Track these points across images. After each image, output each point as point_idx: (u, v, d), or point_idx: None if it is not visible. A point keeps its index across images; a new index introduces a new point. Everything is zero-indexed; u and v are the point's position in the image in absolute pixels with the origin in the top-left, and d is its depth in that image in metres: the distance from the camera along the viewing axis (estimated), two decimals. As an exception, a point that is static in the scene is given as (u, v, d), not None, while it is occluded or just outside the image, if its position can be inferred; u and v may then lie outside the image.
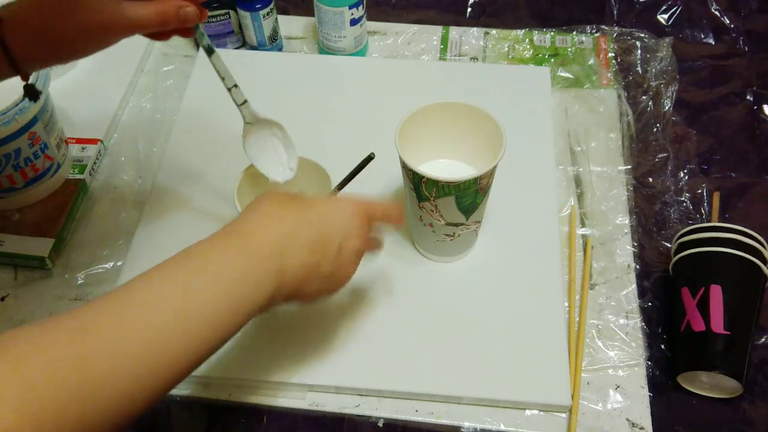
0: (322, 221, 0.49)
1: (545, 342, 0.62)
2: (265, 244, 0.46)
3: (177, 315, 0.40)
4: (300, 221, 0.48)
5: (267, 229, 0.47)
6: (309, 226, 0.48)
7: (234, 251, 0.45)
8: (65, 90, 0.75)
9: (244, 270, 0.44)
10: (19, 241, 0.70)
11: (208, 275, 0.43)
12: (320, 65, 0.85)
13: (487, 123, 0.61)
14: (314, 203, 0.50)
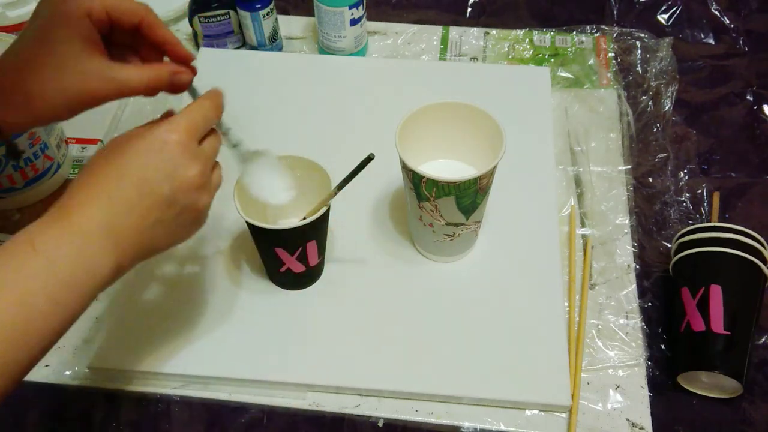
0: (141, 173, 0.45)
1: (545, 342, 0.62)
2: (92, 220, 0.43)
3: (9, 314, 0.39)
4: (120, 182, 0.45)
5: (90, 202, 0.44)
6: (130, 184, 0.45)
7: (60, 233, 0.43)
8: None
9: (73, 253, 0.42)
10: (19, 241, 0.70)
11: (38, 265, 0.41)
12: (320, 65, 0.85)
13: (487, 123, 0.61)
14: (126, 152, 0.45)
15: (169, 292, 0.66)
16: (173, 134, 0.46)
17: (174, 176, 0.46)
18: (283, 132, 0.78)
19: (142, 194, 0.45)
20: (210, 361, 0.62)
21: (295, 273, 0.63)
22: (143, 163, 0.45)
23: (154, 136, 0.46)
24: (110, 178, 0.45)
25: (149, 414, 0.61)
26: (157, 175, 0.45)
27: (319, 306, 0.65)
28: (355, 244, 0.69)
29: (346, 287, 0.66)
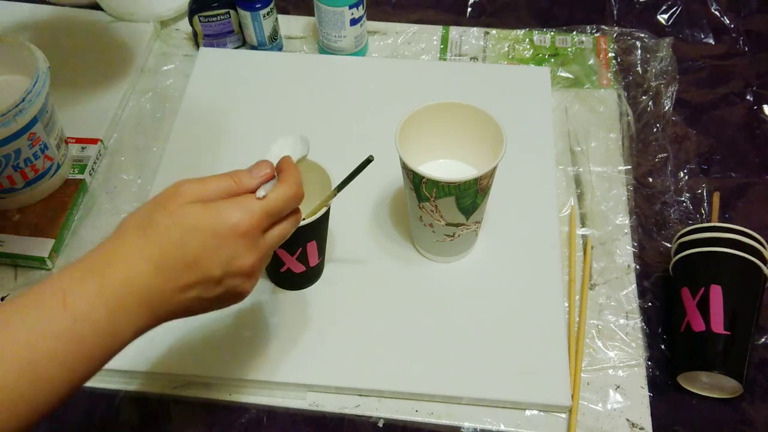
0: (197, 252, 0.43)
1: (545, 342, 0.62)
2: (131, 285, 0.41)
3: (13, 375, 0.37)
4: (173, 255, 0.42)
5: (134, 265, 0.41)
6: (182, 259, 0.42)
7: (95, 293, 0.40)
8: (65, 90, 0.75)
9: (103, 319, 0.40)
10: (19, 241, 0.70)
11: (64, 325, 0.38)
12: (320, 65, 0.85)
13: (487, 123, 0.61)
14: (190, 225, 0.43)
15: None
16: (244, 224, 0.44)
17: (229, 263, 0.44)
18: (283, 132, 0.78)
19: (190, 271, 0.43)
20: (210, 361, 0.62)
21: (295, 273, 0.63)
22: (203, 243, 0.43)
23: (225, 219, 0.43)
24: (164, 246, 0.42)
25: (149, 414, 0.61)
26: (212, 258, 0.43)
27: (319, 306, 0.65)
28: (355, 244, 0.69)
29: (346, 287, 0.66)
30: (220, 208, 0.44)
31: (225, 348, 0.62)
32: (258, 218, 0.45)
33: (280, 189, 0.47)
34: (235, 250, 0.44)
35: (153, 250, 0.42)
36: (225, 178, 0.46)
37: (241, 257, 0.44)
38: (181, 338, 0.63)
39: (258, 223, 0.45)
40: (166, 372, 0.61)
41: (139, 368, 0.61)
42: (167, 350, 0.62)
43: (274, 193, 0.46)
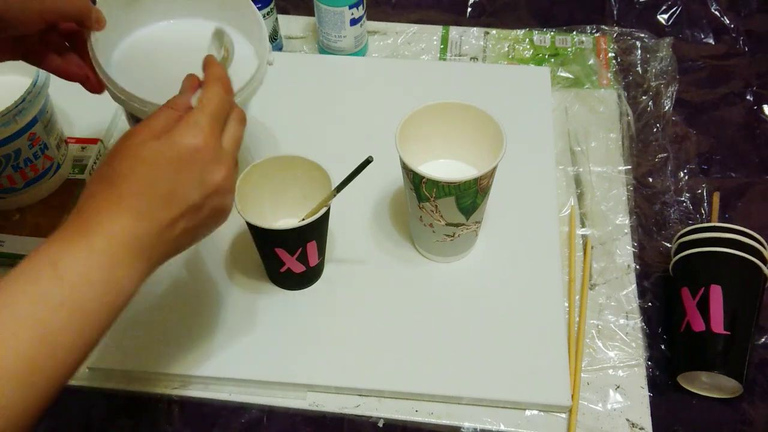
0: (170, 185, 0.43)
1: (545, 342, 0.62)
2: (118, 239, 0.41)
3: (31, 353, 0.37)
4: (147, 197, 0.43)
5: (114, 219, 0.41)
6: (159, 198, 0.43)
7: (85, 255, 0.40)
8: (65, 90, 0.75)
9: (101, 278, 0.40)
10: (19, 241, 0.70)
11: (62, 293, 0.39)
12: (320, 65, 0.85)
13: (487, 123, 0.61)
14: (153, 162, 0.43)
15: (169, 293, 0.66)
16: (200, 139, 0.44)
17: (203, 184, 0.44)
18: (283, 132, 0.78)
19: (170, 206, 0.43)
20: (210, 361, 0.62)
21: (295, 273, 0.63)
22: (171, 175, 0.43)
23: (180, 145, 0.44)
24: (136, 191, 0.42)
25: (149, 414, 0.61)
26: (186, 185, 0.44)
27: (319, 306, 0.65)
28: (355, 244, 0.69)
29: (346, 287, 0.66)
30: (172, 134, 0.44)
31: (225, 348, 0.62)
32: (208, 128, 0.45)
33: (207, 89, 0.47)
34: (202, 168, 0.44)
35: (126, 197, 0.42)
36: (163, 109, 0.46)
37: (212, 172, 0.45)
38: (181, 338, 0.63)
39: (210, 131, 0.45)
40: (166, 372, 0.61)
41: (139, 368, 0.61)
42: (167, 350, 0.62)
43: (206, 94, 0.46)
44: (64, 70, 0.56)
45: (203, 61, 0.50)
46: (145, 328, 0.63)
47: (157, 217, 0.43)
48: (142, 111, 0.56)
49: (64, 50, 0.57)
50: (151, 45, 0.63)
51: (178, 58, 0.61)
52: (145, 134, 0.44)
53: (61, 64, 0.56)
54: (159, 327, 0.64)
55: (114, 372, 0.62)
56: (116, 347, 0.62)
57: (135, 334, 0.63)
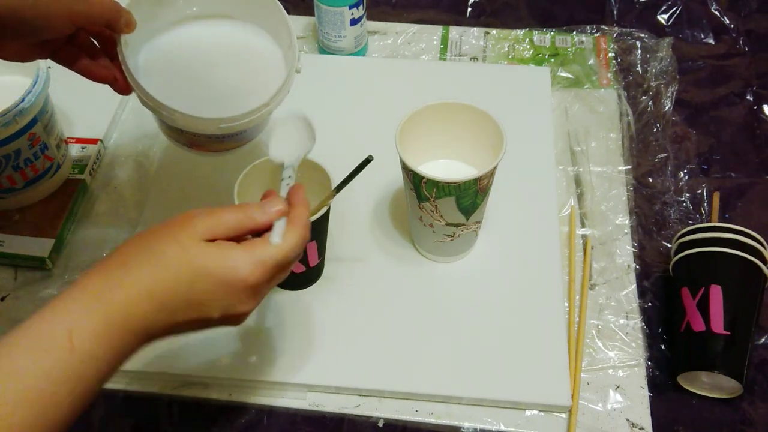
0: (201, 297, 0.43)
1: (545, 342, 0.62)
2: (136, 324, 0.41)
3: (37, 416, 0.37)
4: (177, 297, 0.43)
5: (139, 304, 0.41)
6: (186, 302, 0.43)
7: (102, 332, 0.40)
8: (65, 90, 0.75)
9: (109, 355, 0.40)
10: (19, 241, 0.70)
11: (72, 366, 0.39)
12: (320, 65, 0.85)
13: (487, 123, 0.61)
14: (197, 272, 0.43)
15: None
16: (255, 277, 0.44)
17: (229, 309, 0.44)
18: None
19: (191, 310, 0.43)
20: (210, 361, 0.62)
21: (295, 273, 0.63)
22: (210, 289, 0.43)
23: (236, 269, 0.43)
24: (170, 286, 0.42)
25: (150, 414, 0.61)
26: (215, 303, 0.44)
27: (319, 306, 0.65)
28: (355, 244, 0.69)
29: (346, 287, 0.66)
30: (234, 256, 0.43)
31: (225, 348, 0.62)
32: (269, 270, 0.45)
33: (292, 237, 0.46)
34: (239, 298, 0.44)
35: (159, 288, 0.42)
36: (237, 212, 0.46)
37: (243, 305, 0.45)
38: (181, 338, 0.63)
39: (268, 275, 0.45)
40: (166, 372, 0.61)
41: (139, 368, 0.61)
42: (167, 350, 0.62)
43: (287, 243, 0.46)
44: (91, 71, 0.56)
45: (293, 192, 0.49)
46: (145, 328, 0.63)
47: (174, 313, 0.43)
48: (170, 119, 0.56)
49: (93, 51, 0.56)
50: (179, 48, 0.62)
51: (206, 62, 0.61)
52: (207, 229, 0.44)
53: (88, 65, 0.56)
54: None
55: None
56: (116, 347, 0.62)
57: (135, 334, 0.63)
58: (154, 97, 0.55)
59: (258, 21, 0.63)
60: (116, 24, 0.54)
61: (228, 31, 0.63)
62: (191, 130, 0.57)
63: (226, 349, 0.62)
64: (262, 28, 0.63)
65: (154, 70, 0.59)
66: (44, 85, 0.67)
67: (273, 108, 0.58)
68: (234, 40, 0.62)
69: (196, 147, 0.61)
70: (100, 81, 0.57)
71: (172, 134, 0.61)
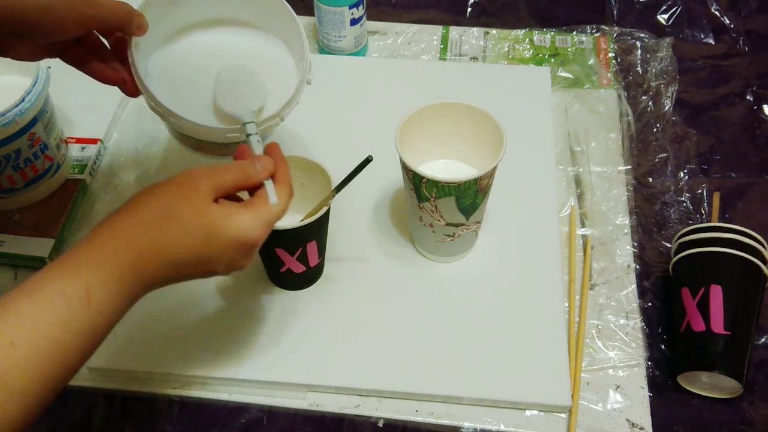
0: (209, 255, 0.46)
1: (545, 342, 0.62)
2: (146, 283, 0.44)
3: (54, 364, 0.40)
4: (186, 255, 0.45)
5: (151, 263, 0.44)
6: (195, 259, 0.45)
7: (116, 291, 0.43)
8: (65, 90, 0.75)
9: (120, 310, 0.43)
10: (19, 242, 0.70)
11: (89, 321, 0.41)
12: (320, 65, 0.85)
13: (487, 123, 0.61)
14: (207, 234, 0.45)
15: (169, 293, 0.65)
16: (261, 238, 0.47)
17: (232, 264, 0.47)
18: (282, 132, 0.78)
19: (198, 265, 0.46)
20: (210, 361, 0.62)
21: (295, 273, 0.63)
22: (220, 248, 0.46)
23: (246, 232, 0.46)
24: (184, 248, 0.45)
25: (149, 414, 0.61)
26: (221, 260, 0.46)
27: (319, 306, 0.65)
28: (355, 244, 0.69)
29: (346, 287, 0.66)
30: (244, 218, 0.46)
31: (225, 348, 0.62)
32: (269, 228, 0.48)
33: (284, 196, 0.49)
34: (244, 254, 0.47)
35: (174, 249, 0.45)
36: (234, 171, 0.48)
37: (246, 259, 0.48)
38: (181, 338, 0.63)
39: (266, 230, 0.48)
40: (166, 372, 0.61)
41: (139, 368, 0.61)
42: (167, 350, 0.62)
43: (282, 202, 0.49)
44: (101, 73, 0.56)
45: (270, 148, 0.52)
46: (145, 328, 0.63)
47: (183, 270, 0.46)
48: (177, 125, 0.56)
49: (103, 52, 0.56)
50: (190, 54, 0.62)
51: (215, 69, 0.60)
52: (213, 188, 0.46)
53: (98, 66, 0.56)
54: (159, 327, 0.63)
55: (114, 372, 0.62)
56: (117, 347, 0.62)
57: (135, 335, 0.63)
58: (161, 103, 0.55)
59: (271, 30, 0.63)
60: (128, 27, 0.54)
61: (240, 40, 0.63)
62: (198, 137, 0.57)
63: (226, 349, 0.62)
64: (276, 37, 0.63)
65: (165, 75, 0.60)
66: (44, 85, 0.67)
67: (282, 118, 0.58)
68: (246, 49, 0.62)
69: (201, 150, 0.61)
70: (109, 83, 0.57)
71: (179, 137, 0.61)
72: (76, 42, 0.55)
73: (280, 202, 0.49)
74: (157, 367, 0.61)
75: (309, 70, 0.60)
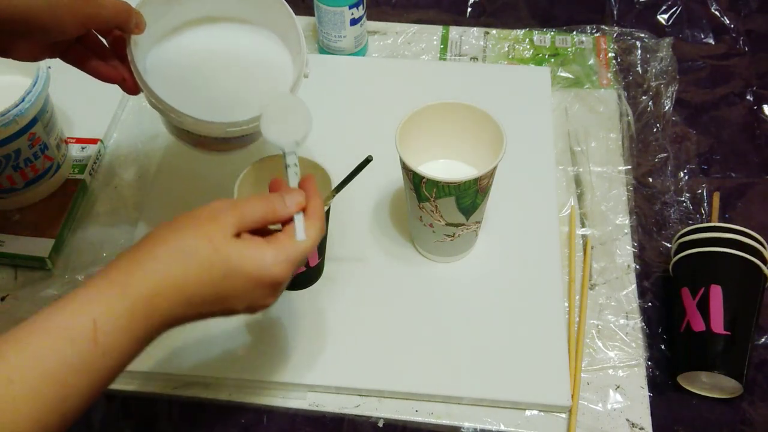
0: (228, 292, 0.44)
1: (545, 342, 0.62)
2: (161, 318, 0.42)
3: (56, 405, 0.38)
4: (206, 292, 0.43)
5: (167, 298, 0.42)
6: (214, 297, 0.44)
7: (126, 327, 0.40)
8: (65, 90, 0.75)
9: (131, 349, 0.41)
10: (19, 242, 0.70)
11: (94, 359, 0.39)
12: (320, 65, 0.85)
13: (487, 123, 0.61)
14: (228, 268, 0.43)
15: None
16: (284, 275, 0.45)
17: (254, 303, 0.46)
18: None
19: (217, 304, 0.44)
20: (210, 361, 0.62)
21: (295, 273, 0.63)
22: (240, 285, 0.44)
23: (267, 268, 0.44)
24: (202, 284, 0.43)
25: (150, 414, 0.61)
26: (241, 298, 0.45)
27: (319, 306, 0.65)
28: (355, 244, 0.69)
29: (345, 287, 0.66)
30: (265, 254, 0.44)
31: (225, 348, 0.62)
32: (293, 266, 0.46)
33: (313, 231, 0.47)
34: (265, 293, 0.46)
35: (190, 285, 0.42)
36: (262, 206, 0.46)
37: (268, 298, 0.46)
38: (181, 338, 0.63)
39: (293, 270, 0.46)
40: (166, 372, 0.61)
41: (139, 368, 0.61)
42: (167, 350, 0.62)
43: (310, 239, 0.47)
44: (100, 71, 0.56)
45: (305, 183, 0.50)
46: (145, 328, 0.63)
47: (200, 309, 0.44)
48: (178, 121, 0.56)
49: (103, 51, 0.57)
50: (188, 50, 0.62)
51: (215, 65, 0.61)
52: (235, 224, 0.44)
53: (97, 65, 0.56)
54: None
55: (114, 372, 0.62)
56: (116, 347, 0.62)
57: (135, 334, 0.63)
58: (162, 100, 0.55)
59: (268, 25, 0.63)
60: (127, 25, 0.54)
61: (237, 35, 0.63)
62: (198, 133, 0.57)
63: (226, 349, 0.62)
64: (272, 32, 0.63)
65: (164, 71, 0.60)
66: (44, 85, 0.67)
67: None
68: (243, 44, 0.63)
69: (201, 146, 0.61)
70: (109, 81, 0.57)
71: (178, 133, 0.61)
72: (76, 41, 0.55)
73: (308, 238, 0.46)
74: (157, 367, 0.61)
75: (306, 64, 0.60)
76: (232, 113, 0.57)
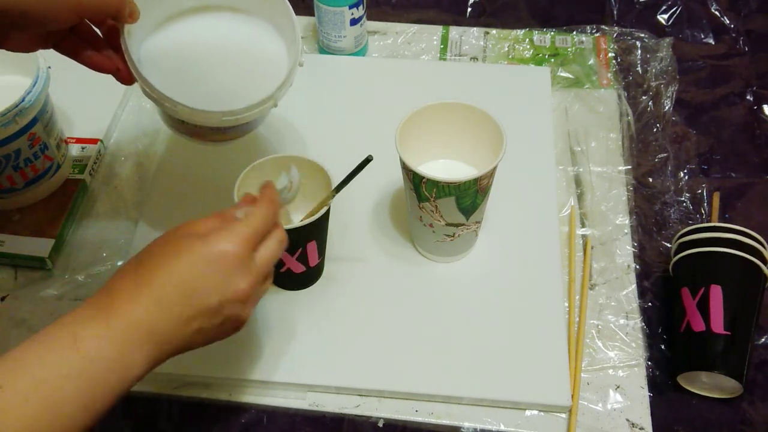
0: (193, 282, 0.44)
1: (545, 342, 0.62)
2: (136, 324, 0.42)
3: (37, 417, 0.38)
4: (170, 288, 0.43)
5: (136, 303, 0.43)
6: (180, 292, 0.44)
7: (104, 333, 0.41)
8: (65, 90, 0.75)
9: (113, 357, 0.41)
10: (19, 241, 0.70)
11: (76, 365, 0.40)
12: (320, 65, 0.85)
13: (487, 123, 0.61)
14: (182, 256, 0.44)
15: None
16: (231, 246, 0.45)
17: (225, 289, 0.45)
18: (283, 132, 0.78)
19: (189, 303, 0.44)
20: (210, 361, 0.62)
21: (296, 273, 0.63)
22: (197, 272, 0.44)
23: (213, 246, 0.45)
24: (160, 281, 0.44)
25: (150, 414, 0.61)
26: (207, 286, 0.44)
27: (319, 306, 0.65)
28: (355, 244, 0.69)
29: (346, 287, 0.66)
30: (209, 236, 0.45)
31: (225, 348, 0.62)
32: (244, 239, 0.46)
33: (257, 207, 0.49)
34: (228, 275, 0.45)
35: (148, 284, 0.43)
36: (212, 216, 0.48)
37: (236, 282, 0.46)
38: (181, 338, 0.63)
39: (245, 243, 0.46)
40: (166, 372, 0.61)
41: (139, 368, 0.61)
42: (167, 350, 0.62)
43: (252, 212, 0.48)
44: (94, 61, 0.56)
45: (263, 184, 0.52)
46: (145, 328, 0.63)
47: (174, 310, 0.44)
48: (173, 110, 0.56)
49: (96, 41, 0.56)
50: (183, 39, 0.62)
51: (209, 54, 0.61)
52: (187, 230, 0.46)
53: (91, 55, 0.56)
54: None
55: (114, 372, 0.62)
56: (116, 347, 0.62)
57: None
58: (157, 89, 0.55)
59: (262, 14, 0.63)
60: (120, 14, 0.54)
61: (232, 24, 0.63)
62: (194, 122, 0.57)
63: (226, 349, 0.62)
64: (266, 21, 0.63)
65: (158, 61, 0.60)
66: (44, 85, 0.67)
67: (276, 101, 0.58)
68: (238, 33, 0.63)
69: (197, 137, 0.61)
70: (103, 71, 0.57)
71: (174, 124, 0.61)
72: (69, 31, 0.55)
73: (250, 215, 0.47)
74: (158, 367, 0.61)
75: (301, 53, 0.60)
76: (227, 102, 0.57)
